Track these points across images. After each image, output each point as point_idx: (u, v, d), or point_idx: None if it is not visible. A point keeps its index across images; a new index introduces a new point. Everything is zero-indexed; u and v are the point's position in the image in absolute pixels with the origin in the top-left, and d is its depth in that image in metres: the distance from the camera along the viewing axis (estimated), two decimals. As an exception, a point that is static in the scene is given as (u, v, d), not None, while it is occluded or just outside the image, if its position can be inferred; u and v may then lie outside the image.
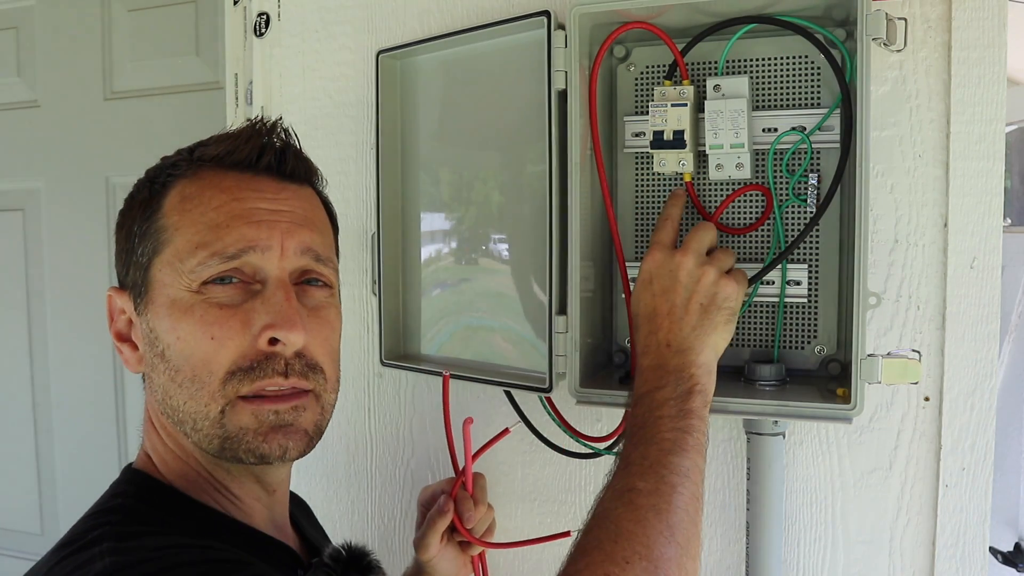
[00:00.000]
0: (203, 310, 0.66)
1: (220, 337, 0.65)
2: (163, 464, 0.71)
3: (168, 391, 0.68)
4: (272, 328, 0.66)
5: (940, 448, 0.89)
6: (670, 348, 0.74)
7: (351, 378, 1.18)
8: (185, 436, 0.69)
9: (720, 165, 0.87)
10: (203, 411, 0.66)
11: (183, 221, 0.69)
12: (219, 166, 0.71)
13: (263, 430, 0.67)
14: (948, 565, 0.90)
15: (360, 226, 1.16)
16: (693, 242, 0.78)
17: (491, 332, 1.01)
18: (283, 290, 0.68)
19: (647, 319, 0.76)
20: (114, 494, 0.69)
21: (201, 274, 0.67)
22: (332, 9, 1.16)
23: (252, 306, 0.67)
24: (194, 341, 0.66)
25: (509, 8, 1.04)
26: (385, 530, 1.19)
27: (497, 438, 0.93)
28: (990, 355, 0.87)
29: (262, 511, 0.74)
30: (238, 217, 0.68)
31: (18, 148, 1.89)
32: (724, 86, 0.86)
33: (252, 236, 0.68)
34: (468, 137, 1.03)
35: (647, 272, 0.78)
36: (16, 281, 1.92)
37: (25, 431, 1.94)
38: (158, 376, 0.68)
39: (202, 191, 0.69)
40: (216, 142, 0.72)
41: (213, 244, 0.67)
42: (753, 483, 0.91)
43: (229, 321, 0.66)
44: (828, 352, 0.89)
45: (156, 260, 0.69)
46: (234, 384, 0.66)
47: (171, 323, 0.67)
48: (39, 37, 1.85)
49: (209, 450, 0.68)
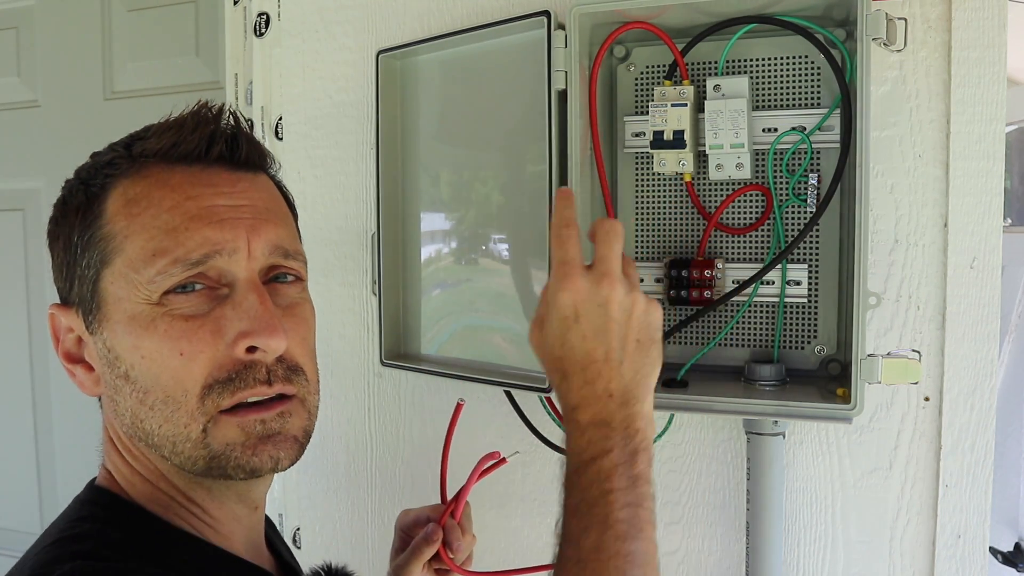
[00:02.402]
0: (167, 324, 0.60)
1: (190, 352, 0.60)
2: (130, 486, 0.65)
3: (138, 415, 0.62)
4: (249, 335, 0.60)
5: (940, 448, 0.89)
6: (613, 399, 0.65)
7: (351, 378, 1.18)
8: (163, 459, 0.63)
9: (720, 165, 0.87)
10: (183, 432, 0.60)
11: (132, 226, 0.62)
12: (164, 160, 0.64)
13: (251, 442, 0.61)
14: (948, 565, 0.90)
15: (360, 226, 1.16)
16: (612, 261, 0.66)
17: (491, 332, 1.01)
18: (256, 292, 0.62)
19: (580, 367, 0.65)
20: (80, 517, 0.63)
21: (162, 284, 0.60)
22: (332, 9, 1.16)
23: (222, 313, 0.61)
24: (161, 359, 0.60)
25: (509, 8, 1.04)
26: (385, 530, 1.19)
27: (494, 468, 0.90)
28: (990, 355, 0.87)
29: (241, 533, 0.69)
30: (196, 218, 0.61)
31: (18, 148, 1.89)
32: (724, 86, 0.86)
33: (216, 239, 0.61)
34: (468, 137, 1.03)
35: (570, 306, 0.65)
36: (16, 281, 1.92)
37: (25, 431, 1.94)
38: (124, 399, 0.63)
39: (149, 191, 0.62)
40: (157, 134, 0.64)
41: (173, 250, 0.60)
42: (753, 483, 0.91)
43: (197, 332, 0.60)
44: (828, 352, 0.89)
45: (105, 272, 0.62)
46: (213, 399, 0.60)
47: (133, 341, 0.61)
48: (39, 37, 1.85)
49: (194, 471, 0.62)
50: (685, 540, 1.00)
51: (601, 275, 0.65)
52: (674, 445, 0.99)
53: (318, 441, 1.21)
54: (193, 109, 0.65)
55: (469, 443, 1.12)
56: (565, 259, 0.66)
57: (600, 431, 0.64)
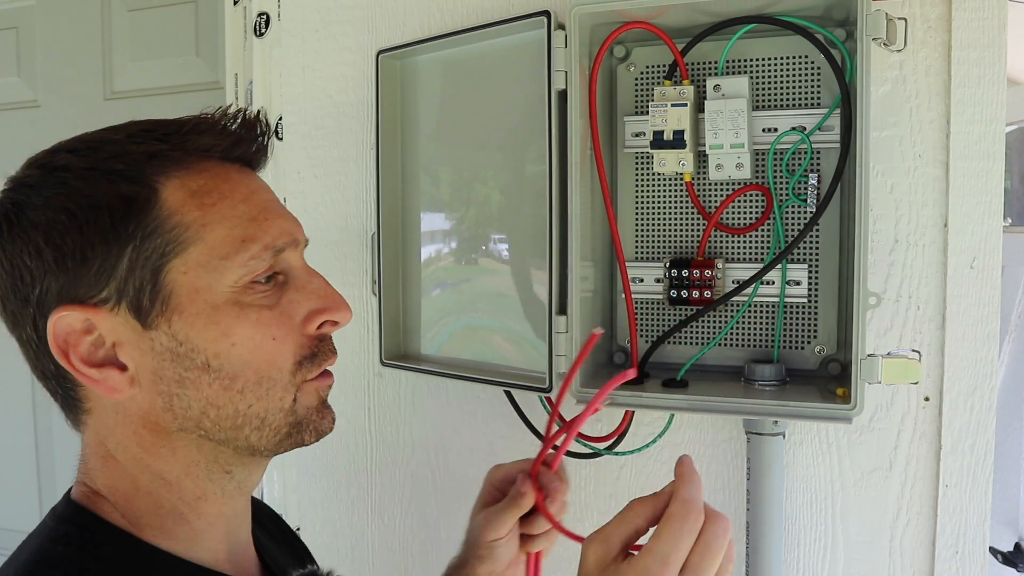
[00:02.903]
0: (256, 313, 0.63)
1: (281, 336, 0.64)
2: (127, 501, 0.65)
3: (217, 401, 0.63)
4: (325, 312, 0.66)
5: (940, 448, 0.89)
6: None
7: (351, 378, 1.18)
8: (172, 458, 0.64)
9: (720, 165, 0.87)
10: (276, 405, 0.64)
11: (208, 216, 0.62)
12: (211, 157, 0.65)
13: (320, 407, 0.67)
14: (948, 565, 0.90)
15: (360, 226, 1.16)
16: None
17: (491, 332, 1.01)
18: (318, 276, 0.68)
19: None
20: (55, 537, 0.62)
21: (254, 268, 0.62)
22: (332, 9, 1.16)
23: (291, 298, 0.65)
24: (254, 345, 0.62)
25: (509, 8, 1.04)
26: (385, 530, 1.19)
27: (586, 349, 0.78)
28: (990, 355, 0.87)
29: (223, 536, 0.68)
30: (266, 210, 0.65)
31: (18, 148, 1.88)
32: (724, 86, 0.86)
33: (291, 229, 0.66)
34: (468, 137, 1.03)
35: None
36: (16, 281, 1.92)
37: (25, 431, 1.94)
38: (196, 390, 0.62)
39: (215, 184, 0.64)
40: (209, 132, 0.65)
41: (260, 237, 0.63)
42: (753, 483, 0.91)
43: (280, 319, 0.64)
44: (828, 352, 0.89)
45: (175, 263, 0.61)
46: (302, 373, 0.65)
47: (220, 330, 0.61)
48: (39, 37, 1.85)
49: (267, 445, 0.65)
50: (685, 540, 1.00)
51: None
52: (674, 445, 0.99)
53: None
54: (237, 112, 0.67)
55: (469, 443, 1.12)
56: (668, 560, 0.60)
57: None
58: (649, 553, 0.61)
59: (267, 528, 0.84)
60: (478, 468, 0.97)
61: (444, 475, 1.14)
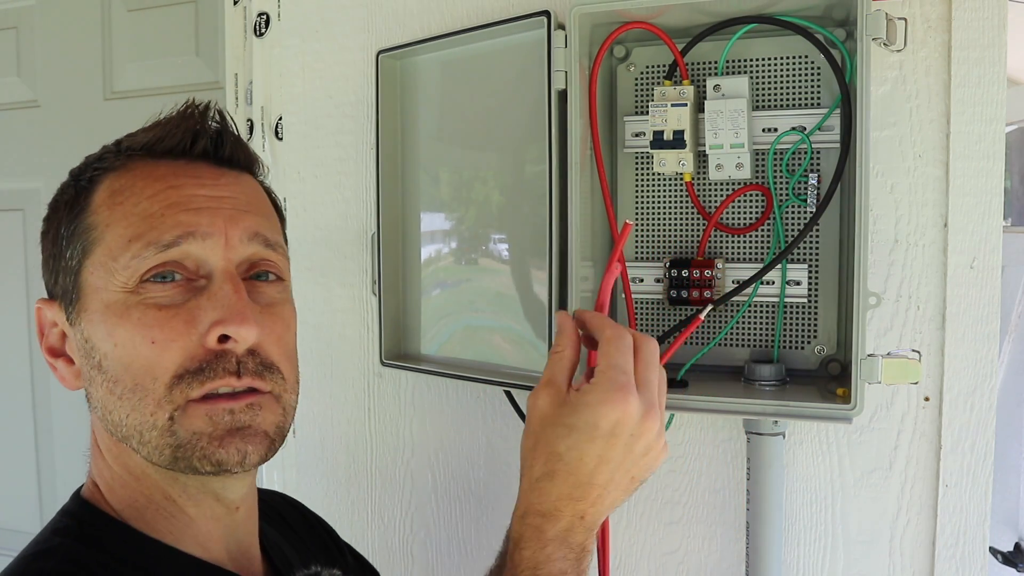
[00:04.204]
0: (140, 312, 0.59)
1: (161, 340, 0.59)
2: (110, 492, 0.65)
3: (108, 405, 0.61)
4: (221, 324, 0.59)
5: (940, 448, 0.89)
6: (583, 522, 0.65)
7: (351, 378, 1.18)
8: (132, 452, 0.62)
9: (720, 165, 0.87)
10: (149, 421, 0.59)
11: (113, 216, 0.62)
12: (150, 155, 0.65)
13: (218, 433, 0.60)
14: (948, 565, 0.90)
15: (360, 226, 1.16)
16: (660, 393, 0.66)
17: (491, 332, 1.01)
18: (231, 283, 0.61)
19: (575, 482, 0.64)
20: (55, 530, 0.63)
21: (137, 268, 0.60)
22: (332, 9, 1.16)
23: (197, 303, 0.60)
24: (132, 347, 0.59)
25: (509, 8, 1.04)
26: (385, 530, 1.19)
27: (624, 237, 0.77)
28: (990, 355, 0.87)
29: (221, 534, 0.67)
30: (174, 205, 0.61)
31: (18, 148, 1.89)
32: (724, 86, 0.86)
33: (191, 222, 0.61)
34: (468, 137, 1.03)
35: (611, 423, 0.63)
36: (16, 281, 1.92)
37: (25, 431, 1.94)
38: (96, 390, 0.62)
39: (133, 182, 0.63)
40: (145, 130, 0.66)
41: (147, 234, 0.60)
42: (753, 483, 0.91)
43: (171, 322, 0.59)
44: (828, 352, 0.89)
45: (87, 263, 0.62)
46: (182, 388, 0.59)
47: (107, 329, 0.60)
48: (39, 37, 1.85)
49: (160, 463, 0.61)
50: (685, 540, 1.00)
51: (650, 405, 0.64)
52: (674, 445, 0.99)
53: (318, 441, 1.22)
54: (181, 107, 0.66)
55: (469, 442, 1.12)
56: (625, 369, 0.64)
57: (561, 550, 0.64)
58: (608, 368, 0.64)
59: (287, 522, 0.83)
60: (478, 468, 0.97)
61: (444, 475, 1.14)
